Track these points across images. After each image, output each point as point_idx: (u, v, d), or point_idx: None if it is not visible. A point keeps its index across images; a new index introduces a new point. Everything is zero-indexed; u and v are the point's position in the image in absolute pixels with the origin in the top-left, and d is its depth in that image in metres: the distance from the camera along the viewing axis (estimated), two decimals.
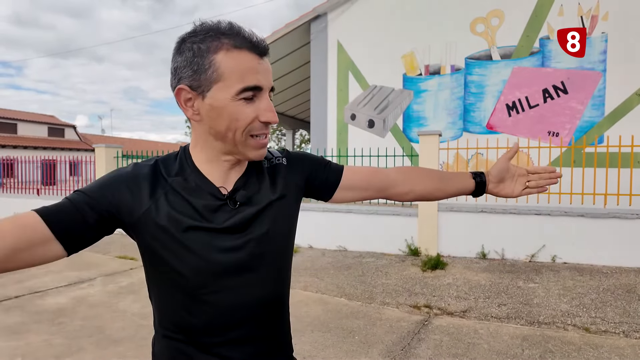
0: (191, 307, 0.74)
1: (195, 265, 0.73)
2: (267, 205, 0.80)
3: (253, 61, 0.71)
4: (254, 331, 0.77)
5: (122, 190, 0.73)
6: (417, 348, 3.00)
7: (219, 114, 0.72)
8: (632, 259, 4.85)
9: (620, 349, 2.95)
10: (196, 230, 0.73)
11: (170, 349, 0.77)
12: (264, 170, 0.84)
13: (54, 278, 4.88)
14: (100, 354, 2.94)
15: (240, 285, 0.75)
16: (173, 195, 0.74)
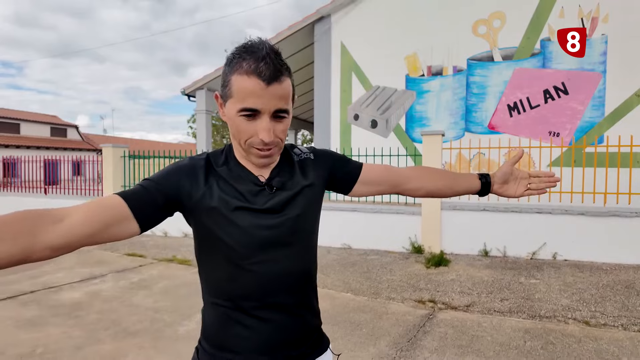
0: (236, 276, 0.87)
1: (241, 239, 0.86)
2: (300, 191, 0.93)
3: (257, 87, 0.81)
4: (287, 298, 0.90)
5: (182, 178, 0.86)
6: (423, 340, 3.12)
7: (230, 124, 0.87)
8: (631, 256, 4.97)
9: (619, 341, 3.07)
10: (242, 210, 0.87)
11: (218, 315, 0.90)
12: (294, 163, 0.97)
13: (67, 274, 5.00)
14: (118, 346, 3.06)
15: (277, 258, 0.88)
16: (222, 182, 0.88)
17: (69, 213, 0.72)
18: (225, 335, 0.89)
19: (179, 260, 5.68)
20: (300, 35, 9.00)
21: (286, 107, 0.85)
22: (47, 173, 9.72)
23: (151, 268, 5.33)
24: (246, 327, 0.88)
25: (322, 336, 1.02)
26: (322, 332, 1.03)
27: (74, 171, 9.73)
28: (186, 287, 4.51)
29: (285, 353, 0.90)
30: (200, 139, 10.16)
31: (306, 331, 0.95)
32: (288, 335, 0.90)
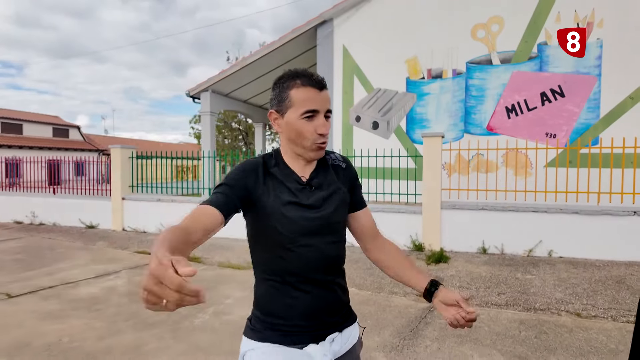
0: (284, 256, 1.09)
1: (290, 227, 1.08)
2: (334, 191, 1.16)
3: (313, 93, 1.07)
4: (322, 275, 1.12)
5: (248, 179, 1.08)
6: (425, 330, 3.33)
7: (290, 129, 1.10)
8: (623, 253, 5.18)
9: (608, 330, 3.28)
10: (291, 204, 1.09)
11: (268, 288, 1.12)
12: (329, 166, 1.20)
13: (82, 271, 5.21)
14: (139, 335, 3.26)
15: (315, 244, 1.10)
16: (275, 181, 1.11)
17: (193, 227, 0.92)
18: (274, 304, 1.11)
19: (188, 257, 5.87)
20: (303, 39, 9.21)
21: (331, 108, 1.12)
22: (50, 173, 9.90)
23: None
24: (291, 297, 1.09)
25: (351, 311, 1.23)
26: (351, 308, 1.23)
27: (76, 171, 9.90)
28: (197, 282, 4.64)
29: (322, 319, 1.11)
30: (205, 140, 10.37)
31: (338, 304, 1.16)
32: (324, 305, 1.11)
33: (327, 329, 1.12)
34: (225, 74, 10.03)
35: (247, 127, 23.86)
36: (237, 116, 23.02)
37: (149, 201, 7.97)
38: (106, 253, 6.26)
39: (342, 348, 1.14)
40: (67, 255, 6.08)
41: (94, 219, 8.43)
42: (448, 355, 2.89)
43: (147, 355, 2.91)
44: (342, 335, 1.15)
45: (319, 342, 1.09)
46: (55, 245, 6.86)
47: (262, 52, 9.58)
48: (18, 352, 2.96)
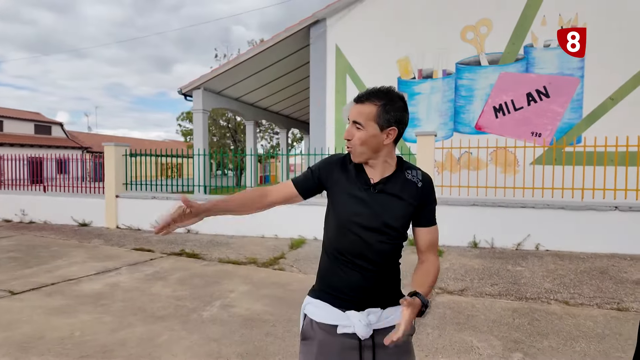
0: (340, 238, 1.32)
1: (346, 216, 1.30)
2: (397, 201, 1.30)
3: (352, 106, 1.30)
4: (367, 264, 1.29)
5: (329, 167, 1.36)
6: (425, 318, 3.50)
7: None
8: (605, 246, 5.48)
9: (594, 317, 3.52)
10: (351, 197, 1.30)
11: (327, 260, 1.35)
12: (405, 179, 1.32)
13: (81, 268, 5.22)
14: (150, 328, 3.34)
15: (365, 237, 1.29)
16: (348, 175, 1.33)
17: (272, 192, 1.36)
18: (329, 274, 1.34)
19: (187, 254, 5.95)
20: (296, 38, 9.31)
21: (360, 120, 1.25)
22: (33, 172, 9.72)
23: (162, 261, 5.59)
24: (342, 272, 1.30)
25: (399, 297, 1.32)
26: (400, 293, 1.36)
27: (59, 169, 9.72)
28: (200, 277, 4.80)
29: (364, 295, 1.28)
30: (197, 137, 10.37)
31: (381, 288, 1.31)
32: (367, 285, 1.29)
33: (368, 303, 1.28)
34: (218, 72, 10.05)
35: (236, 125, 23.80)
36: (225, 114, 22.94)
37: (143, 199, 7.97)
38: (103, 250, 6.27)
39: (380, 322, 1.28)
40: (63, 253, 6.07)
41: (86, 217, 8.37)
42: (449, 341, 3.07)
43: (161, 346, 3.01)
44: (384, 312, 1.30)
45: (359, 310, 1.26)
46: (49, 243, 6.82)
47: (255, 51, 9.65)
48: (32, 345, 3.01)
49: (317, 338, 1.28)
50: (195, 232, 7.61)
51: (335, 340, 1.26)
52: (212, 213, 1.27)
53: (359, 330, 1.23)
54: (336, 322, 1.26)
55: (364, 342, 1.25)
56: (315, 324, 1.29)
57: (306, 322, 1.33)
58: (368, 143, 1.26)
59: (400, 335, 1.03)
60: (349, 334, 1.25)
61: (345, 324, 1.25)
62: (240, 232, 7.26)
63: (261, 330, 3.29)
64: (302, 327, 1.34)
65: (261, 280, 4.72)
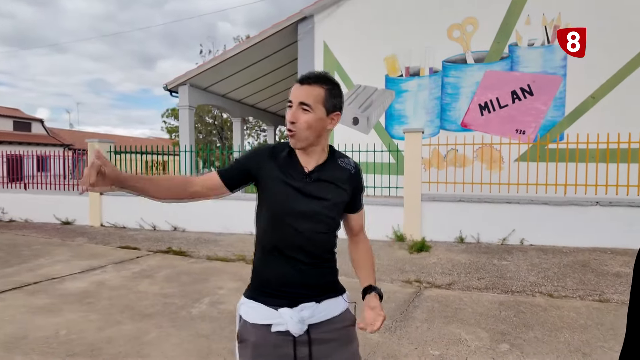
0: (274, 231, 1.26)
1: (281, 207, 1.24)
2: (333, 189, 1.26)
3: (295, 87, 1.23)
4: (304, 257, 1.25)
5: (256, 158, 1.28)
6: (414, 312, 3.54)
7: None
8: (587, 240, 5.63)
9: (577, 308, 3.61)
10: (287, 187, 1.23)
11: (260, 256, 1.30)
12: (338, 167, 1.30)
13: (65, 266, 5.12)
14: (139, 326, 3.30)
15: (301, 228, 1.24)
16: (280, 164, 1.26)
17: (195, 182, 1.25)
18: (263, 270, 1.29)
19: (174, 252, 5.88)
20: (283, 34, 9.26)
21: (308, 102, 1.19)
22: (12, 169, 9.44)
23: (148, 259, 5.51)
24: (276, 267, 1.25)
25: (337, 288, 1.33)
26: (337, 285, 1.34)
27: (39, 167, 9.48)
28: (188, 275, 4.75)
29: (299, 290, 1.24)
30: (183, 134, 10.25)
31: (317, 280, 1.26)
32: (303, 279, 1.24)
33: (302, 298, 1.23)
34: (204, 68, 9.94)
35: (222, 122, 23.57)
36: (211, 111, 22.71)
37: (128, 196, 7.82)
38: (87, 249, 6.15)
39: (314, 316, 1.23)
40: (45, 251, 5.93)
41: (69, 215, 8.20)
42: (438, 334, 3.12)
43: (150, 344, 2.97)
44: (319, 306, 1.24)
45: (292, 307, 1.22)
46: (30, 242, 6.66)
47: (242, 47, 9.57)
48: (15, 345, 2.94)
49: (251, 339, 1.23)
50: (182, 230, 7.53)
51: (270, 339, 1.21)
52: (128, 187, 1.12)
53: (291, 328, 1.19)
54: (269, 321, 1.22)
55: (298, 338, 1.21)
56: (249, 325, 1.24)
57: (241, 323, 1.27)
58: (314, 127, 1.20)
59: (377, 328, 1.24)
60: (282, 331, 1.21)
61: (278, 322, 1.21)
62: (228, 230, 7.21)
63: None
64: (237, 329, 1.28)
65: (250, 276, 4.70)
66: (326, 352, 1.23)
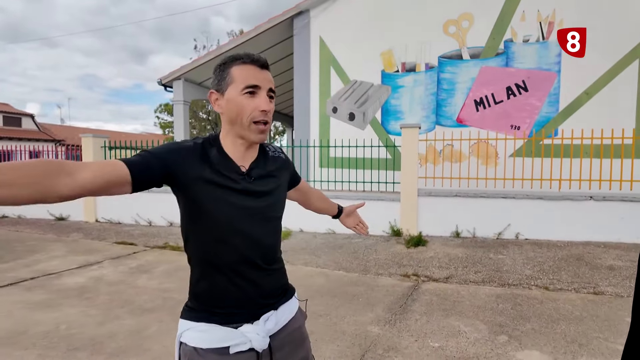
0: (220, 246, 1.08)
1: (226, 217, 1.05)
2: (275, 184, 1.16)
3: (255, 70, 1.05)
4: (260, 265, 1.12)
5: (180, 156, 1.01)
6: (413, 305, 3.58)
7: (231, 107, 1.05)
8: (581, 234, 5.71)
9: (572, 300, 3.67)
10: (229, 193, 1.05)
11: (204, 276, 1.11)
12: (269, 158, 1.18)
13: (62, 262, 5.08)
14: (139, 320, 3.30)
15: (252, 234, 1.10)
16: (212, 167, 1.04)
17: (80, 168, 0.83)
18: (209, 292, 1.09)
19: (172, 247, 5.87)
20: (279, 29, 9.22)
21: (274, 88, 1.09)
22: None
23: (145, 254, 5.49)
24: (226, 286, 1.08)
25: (288, 288, 1.23)
26: (287, 285, 1.24)
27: None
28: (186, 270, 4.67)
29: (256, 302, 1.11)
30: (178, 129, 10.18)
31: (273, 288, 1.16)
32: (259, 291, 1.11)
33: (261, 310, 1.12)
34: (199, 63, 9.86)
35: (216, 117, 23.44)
36: (205, 106, 22.57)
37: None
38: (83, 244, 6.11)
39: (277, 325, 1.15)
40: (41, 247, 5.89)
41: (64, 211, 8.13)
42: (437, 326, 3.15)
43: (151, 337, 2.97)
44: (277, 313, 1.15)
45: (253, 322, 1.09)
46: (24, 238, 6.60)
47: (237, 41, 9.51)
48: (14, 340, 2.93)
49: None
50: (178, 226, 7.50)
51: None
52: None
53: (257, 345, 1.07)
54: (228, 342, 1.06)
55: (261, 353, 1.09)
56: (201, 352, 1.05)
57: (187, 351, 1.07)
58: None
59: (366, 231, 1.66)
60: (244, 350, 1.07)
61: (240, 342, 1.06)
62: None
63: None
64: (183, 359, 1.08)
65: None
66: (285, 356, 1.15)
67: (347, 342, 2.90)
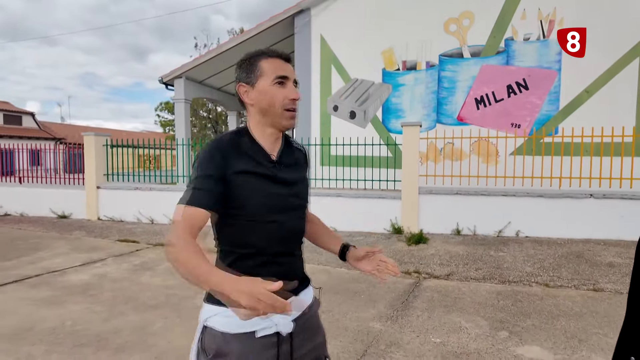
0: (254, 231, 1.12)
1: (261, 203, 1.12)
2: (301, 172, 1.24)
3: (281, 63, 1.13)
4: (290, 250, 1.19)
5: (223, 159, 1.08)
6: (414, 302, 3.62)
7: (262, 97, 1.11)
8: (581, 232, 5.74)
9: (572, 297, 3.71)
10: (264, 180, 1.12)
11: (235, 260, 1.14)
12: (293, 148, 1.25)
13: (65, 259, 5.12)
14: (143, 316, 3.33)
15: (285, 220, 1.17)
16: (247, 157, 1.11)
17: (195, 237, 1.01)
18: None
19: None
20: (280, 27, 9.24)
21: (297, 79, 1.17)
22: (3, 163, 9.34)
23: (148, 252, 5.53)
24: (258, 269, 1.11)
25: (306, 275, 1.29)
26: (306, 274, 1.29)
27: (31, 161, 9.38)
28: None
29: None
30: (179, 127, 10.21)
31: (298, 272, 1.23)
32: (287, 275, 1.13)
33: (284, 294, 1.16)
34: (200, 61, 9.89)
35: (217, 115, 23.47)
36: (206, 104, 22.59)
37: (125, 190, 7.82)
38: (86, 242, 6.15)
39: (298, 310, 1.20)
40: (44, 245, 5.92)
41: (66, 209, 8.16)
42: (438, 322, 3.19)
43: (156, 333, 3.01)
44: (298, 299, 1.20)
45: None
46: (28, 236, 6.63)
47: (239, 39, 9.53)
48: (21, 336, 2.96)
49: (235, 351, 1.09)
50: None
51: (255, 345, 1.10)
52: None
53: (283, 328, 1.12)
54: (256, 326, 1.09)
55: (283, 337, 1.13)
56: (229, 336, 1.09)
57: (213, 335, 1.10)
58: None
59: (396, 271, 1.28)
60: (268, 334, 1.11)
61: (265, 326, 1.10)
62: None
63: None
64: (206, 343, 1.11)
65: None
66: (303, 343, 1.18)
67: (350, 338, 2.93)
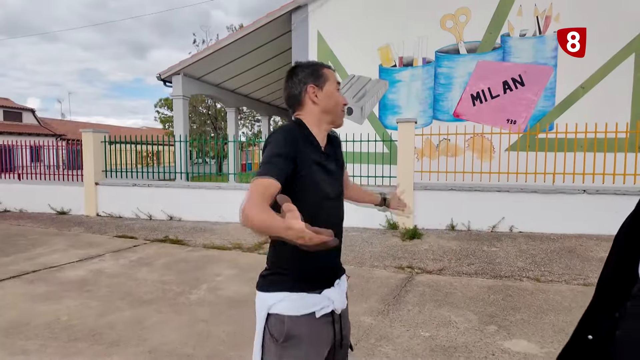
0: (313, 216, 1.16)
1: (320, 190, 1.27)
2: (342, 162, 1.42)
3: (331, 72, 1.36)
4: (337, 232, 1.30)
5: (295, 144, 1.21)
6: (406, 296, 3.67)
7: (329, 98, 1.32)
8: (573, 227, 5.79)
9: (562, 292, 3.76)
10: (321, 170, 1.28)
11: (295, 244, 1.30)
12: (332, 136, 1.40)
13: (63, 255, 5.17)
14: (138, 311, 3.39)
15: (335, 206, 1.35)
16: (310, 147, 1.26)
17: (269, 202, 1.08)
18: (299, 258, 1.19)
19: (171, 240, 5.96)
20: (277, 23, 9.23)
21: None
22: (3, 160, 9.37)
23: (146, 248, 5.59)
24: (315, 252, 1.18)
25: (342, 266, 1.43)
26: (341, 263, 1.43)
27: (32, 157, 9.42)
28: (185, 262, 4.84)
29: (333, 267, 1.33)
30: (177, 124, 10.24)
31: (340, 256, 1.39)
32: (335, 256, 1.34)
33: (335, 275, 1.32)
34: (198, 57, 9.89)
35: (216, 112, 23.46)
36: (205, 101, 22.58)
37: (124, 186, 7.86)
38: (84, 238, 6.20)
39: (343, 289, 1.35)
40: (42, 241, 5.97)
41: (65, 205, 8.21)
42: (429, 316, 3.24)
43: (151, 328, 3.06)
44: (340, 282, 1.33)
45: (330, 286, 1.27)
46: (26, 232, 6.69)
47: (236, 36, 9.53)
48: (18, 331, 3.02)
49: (305, 332, 1.19)
50: (178, 219, 7.59)
51: (319, 325, 1.22)
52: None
53: (338, 305, 1.25)
54: (316, 307, 1.21)
55: (335, 316, 1.26)
56: (296, 319, 1.19)
57: (280, 321, 1.19)
58: None
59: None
60: (325, 314, 1.23)
61: (323, 305, 1.22)
62: (224, 219, 7.28)
63: (250, 310, 3.35)
64: (275, 330, 1.19)
65: (247, 264, 4.80)
66: (345, 325, 1.33)
67: None
